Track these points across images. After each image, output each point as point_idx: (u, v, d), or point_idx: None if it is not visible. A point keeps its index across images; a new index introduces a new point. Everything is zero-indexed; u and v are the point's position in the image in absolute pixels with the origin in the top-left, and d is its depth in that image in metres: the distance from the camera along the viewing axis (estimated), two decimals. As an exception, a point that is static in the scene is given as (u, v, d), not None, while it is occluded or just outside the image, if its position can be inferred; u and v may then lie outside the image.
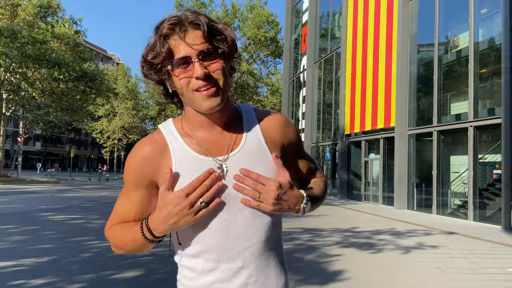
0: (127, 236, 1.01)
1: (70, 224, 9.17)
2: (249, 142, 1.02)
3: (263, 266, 1.00)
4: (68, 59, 27.79)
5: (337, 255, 6.58)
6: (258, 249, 0.99)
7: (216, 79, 0.93)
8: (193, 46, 0.91)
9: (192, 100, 0.94)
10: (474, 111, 12.42)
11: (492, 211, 11.76)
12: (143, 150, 1.00)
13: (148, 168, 0.99)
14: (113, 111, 57.35)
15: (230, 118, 1.03)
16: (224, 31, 0.97)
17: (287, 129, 1.08)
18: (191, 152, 0.99)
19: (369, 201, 18.41)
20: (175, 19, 0.93)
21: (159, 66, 0.95)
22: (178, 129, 1.03)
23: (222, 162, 0.98)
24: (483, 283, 5.16)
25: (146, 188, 1.01)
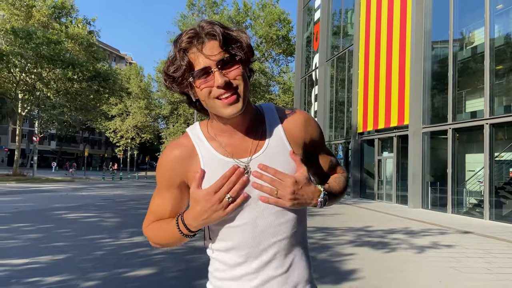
0: (165, 232, 1.09)
1: (84, 222, 9.27)
2: (272, 143, 1.07)
3: (289, 260, 1.06)
4: (82, 59, 28.13)
5: (350, 254, 6.52)
6: (285, 244, 1.05)
7: (236, 85, 0.98)
8: (211, 57, 0.96)
9: (214, 107, 1.00)
10: (490, 109, 12.19)
11: (509, 210, 11.54)
12: (173, 153, 1.08)
13: (178, 169, 1.07)
14: (126, 111, 57.88)
15: (252, 120, 1.08)
16: (239, 37, 1.01)
17: (309, 127, 1.12)
18: (217, 155, 1.05)
19: (382, 200, 18.23)
20: (191, 33, 0.98)
21: (181, 78, 1.00)
22: (204, 132, 1.10)
23: (246, 163, 1.04)
24: (499, 283, 5.06)
25: (178, 188, 1.09)
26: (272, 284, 1.04)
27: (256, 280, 1.04)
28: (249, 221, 1.03)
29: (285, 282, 1.05)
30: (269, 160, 1.04)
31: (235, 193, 0.98)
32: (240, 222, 1.03)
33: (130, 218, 10.11)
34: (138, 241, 7.09)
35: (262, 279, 1.04)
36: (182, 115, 47.92)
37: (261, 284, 1.04)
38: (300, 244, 1.09)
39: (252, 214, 1.03)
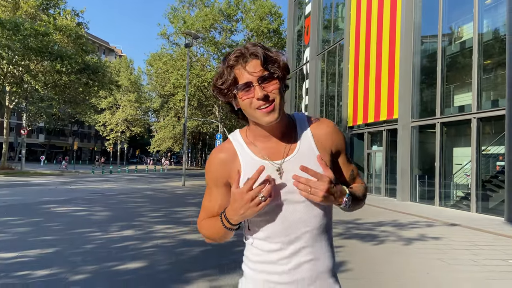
0: (213, 228, 1.25)
1: (73, 216, 9.23)
2: (302, 147, 1.24)
3: (317, 248, 1.23)
4: (71, 51, 27.72)
5: (339, 246, 6.60)
6: (313, 234, 1.22)
7: (273, 98, 1.15)
8: (253, 74, 1.15)
9: (254, 116, 1.17)
10: (478, 103, 12.35)
11: (495, 203, 11.74)
12: (219, 156, 1.27)
13: (223, 170, 1.25)
14: (116, 104, 57.41)
15: (286, 127, 1.25)
16: (277, 57, 1.18)
17: (335, 136, 1.29)
18: (254, 158, 1.23)
19: (371, 193, 18.41)
20: (238, 53, 1.17)
21: (226, 90, 1.19)
22: (243, 138, 1.28)
23: (279, 165, 1.22)
24: (485, 275, 5.16)
25: (224, 186, 1.27)
26: (302, 268, 1.21)
27: (290, 264, 1.21)
28: (283, 214, 1.20)
29: (313, 267, 1.22)
30: (299, 163, 1.19)
31: (267, 192, 1.10)
32: (275, 215, 1.20)
33: (120, 212, 10.08)
34: (128, 235, 7.08)
35: (295, 264, 1.21)
36: (172, 109, 47.69)
37: (293, 268, 1.21)
38: (326, 234, 1.26)
39: (285, 208, 1.20)
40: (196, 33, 24.18)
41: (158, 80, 44.16)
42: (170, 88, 37.47)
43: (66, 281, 4.35)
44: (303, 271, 1.21)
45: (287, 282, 1.21)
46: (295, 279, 1.21)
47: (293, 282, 1.20)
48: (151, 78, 50.74)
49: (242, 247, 1.33)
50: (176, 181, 25.06)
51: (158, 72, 40.04)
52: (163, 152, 63.46)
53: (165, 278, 4.56)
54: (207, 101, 37.59)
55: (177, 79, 31.90)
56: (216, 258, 5.57)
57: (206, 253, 5.88)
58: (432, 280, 4.85)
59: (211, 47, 33.77)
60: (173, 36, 35.54)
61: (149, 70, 46.52)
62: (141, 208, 11.08)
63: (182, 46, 34.61)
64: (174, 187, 20.27)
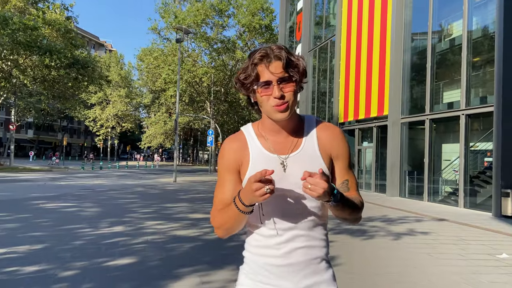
0: (226, 214, 1.30)
1: (63, 212, 9.16)
2: (306, 146, 1.35)
3: (312, 237, 1.34)
4: (60, 45, 27.38)
5: (330, 241, 6.62)
6: (309, 224, 1.34)
7: (288, 99, 1.26)
8: (274, 74, 1.25)
9: (268, 111, 1.29)
10: (466, 100, 12.48)
11: (483, 198, 11.91)
12: (232, 145, 1.38)
13: (236, 157, 1.36)
14: (106, 99, 56.90)
15: (295, 125, 1.36)
16: (298, 62, 1.29)
17: (338, 142, 1.38)
18: (263, 150, 1.35)
19: (362, 188, 18.54)
20: (264, 52, 1.27)
21: (248, 85, 1.30)
22: (255, 131, 1.39)
23: (284, 159, 1.33)
24: (472, 269, 5.25)
25: (235, 173, 1.37)
26: (296, 253, 1.32)
27: (285, 248, 1.31)
28: (282, 204, 1.31)
29: (307, 253, 1.33)
30: (302, 159, 1.33)
31: (273, 187, 1.17)
32: (275, 204, 1.31)
33: (110, 208, 10.03)
34: (118, 231, 7.06)
35: (289, 248, 1.31)
36: (163, 104, 47.41)
37: (288, 252, 1.31)
38: (321, 226, 1.38)
39: (285, 198, 1.31)
40: (187, 28, 24.04)
41: (149, 75, 43.80)
42: (161, 84, 37.19)
43: (55, 277, 4.33)
44: (297, 255, 1.32)
45: (282, 265, 1.32)
46: (289, 263, 1.31)
47: (287, 265, 1.31)
48: (142, 73, 50.35)
49: (232, 243, 1.37)
50: (167, 177, 24.98)
51: (149, 67, 39.70)
52: (154, 148, 63.15)
53: (155, 274, 4.56)
54: (198, 97, 37.42)
55: (168, 75, 31.66)
56: (207, 254, 5.58)
57: (197, 249, 5.88)
58: (420, 274, 4.92)
59: (203, 43, 33.54)
60: (164, 31, 35.23)
61: (140, 65, 46.11)
62: (132, 204, 11.04)
63: (173, 41, 34.35)
64: (165, 183, 20.21)
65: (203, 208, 10.54)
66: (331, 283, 1.38)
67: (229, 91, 38.43)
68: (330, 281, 1.38)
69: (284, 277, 1.32)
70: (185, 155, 74.26)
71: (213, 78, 33.83)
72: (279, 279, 1.32)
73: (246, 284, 1.38)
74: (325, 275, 1.37)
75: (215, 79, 34.56)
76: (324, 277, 1.37)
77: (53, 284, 4.08)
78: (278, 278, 1.32)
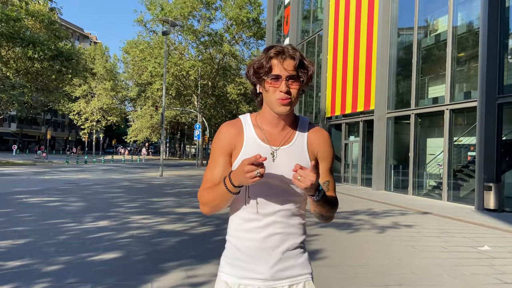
0: (215, 192, 1.40)
1: (46, 206, 9.02)
2: (297, 143, 1.46)
3: (289, 225, 1.43)
4: (43, 37, 26.83)
5: (316, 234, 6.69)
6: (287, 212, 1.43)
7: (292, 96, 1.38)
8: (286, 70, 1.36)
9: (272, 102, 1.39)
10: (451, 95, 12.65)
11: (466, 192, 12.13)
12: (229, 129, 1.47)
13: (230, 141, 1.45)
14: (91, 92, 56.09)
15: (291, 122, 1.48)
16: (308, 67, 1.40)
17: (325, 146, 1.50)
18: (256, 138, 1.44)
19: (348, 182, 18.71)
20: (280, 49, 1.38)
21: (261, 74, 1.39)
22: (252, 121, 1.49)
23: (275, 150, 1.43)
24: (454, 261, 5.34)
25: (227, 156, 1.45)
26: (273, 238, 1.41)
27: (262, 233, 1.41)
28: (266, 191, 1.41)
29: (283, 239, 1.42)
30: (290, 153, 1.44)
31: (263, 171, 1.25)
32: (259, 190, 1.40)
33: (95, 202, 9.92)
34: (103, 225, 6.99)
35: (267, 234, 1.41)
36: (150, 98, 46.92)
37: (265, 237, 1.41)
38: (299, 217, 1.47)
39: (269, 186, 1.40)
40: (173, 21, 23.78)
41: (135, 68, 43.30)
42: (147, 77, 36.82)
43: (39, 272, 4.26)
44: (273, 240, 1.41)
45: (259, 248, 1.41)
46: (266, 247, 1.41)
47: (264, 248, 1.41)
48: (128, 66, 49.74)
49: (218, 237, 1.37)
50: (153, 172, 24.81)
51: (135, 60, 39.24)
52: (140, 142, 62.60)
53: (141, 268, 4.53)
54: (185, 91, 37.16)
55: (155, 68, 31.32)
56: (193, 248, 5.57)
57: (183, 243, 5.86)
58: (404, 266, 4.99)
59: (190, 36, 33.26)
60: (150, 23, 34.83)
61: (125, 58, 45.56)
62: (117, 198, 10.93)
63: (159, 33, 33.99)
64: (152, 177, 20.07)
65: (189, 203, 10.51)
66: (304, 266, 1.47)
67: (217, 84, 38.25)
68: (303, 265, 1.47)
69: (259, 261, 1.41)
70: (172, 149, 73.83)
71: (200, 72, 33.59)
72: (255, 262, 1.41)
73: (226, 270, 1.48)
74: (299, 260, 1.46)
75: (202, 73, 34.33)
76: (298, 261, 1.46)
77: (36, 279, 4.02)
78: (254, 261, 1.41)
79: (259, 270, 1.41)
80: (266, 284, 1.41)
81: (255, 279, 1.41)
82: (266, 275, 1.41)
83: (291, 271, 1.43)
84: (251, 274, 1.42)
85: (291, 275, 1.44)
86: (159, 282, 4.08)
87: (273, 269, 1.41)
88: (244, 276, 1.43)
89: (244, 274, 1.42)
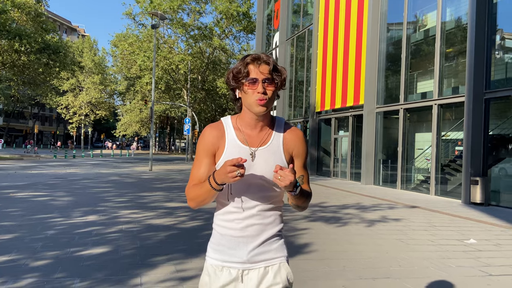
0: (200, 190, 1.54)
1: (34, 201, 8.92)
2: (273, 143, 1.61)
3: (267, 217, 1.61)
4: (30, 30, 26.39)
5: (305, 228, 6.73)
6: (266, 207, 1.60)
7: (268, 96, 1.52)
8: (262, 73, 1.52)
9: (250, 104, 1.52)
10: (439, 90, 12.77)
11: (453, 186, 12.30)
12: (212, 132, 1.61)
13: (214, 142, 1.60)
14: (79, 86, 55.40)
15: (267, 124, 1.62)
16: (282, 71, 1.56)
17: (299, 144, 1.65)
18: (237, 141, 1.59)
19: (337, 177, 18.83)
20: (255, 55, 1.54)
21: (240, 78, 1.54)
22: (233, 123, 1.63)
23: (253, 151, 1.58)
24: (441, 254, 5.43)
25: (211, 156, 1.61)
26: (252, 228, 1.58)
27: (242, 224, 1.58)
28: (246, 187, 1.56)
29: (261, 229, 1.60)
30: (267, 153, 1.59)
31: (243, 172, 1.39)
32: (240, 187, 1.56)
33: (83, 197, 9.84)
34: (91, 220, 6.94)
35: (246, 224, 1.58)
36: (139, 92, 46.51)
37: (245, 227, 1.58)
38: (277, 210, 1.65)
39: (249, 183, 1.56)
40: (163, 14, 23.53)
41: (124, 62, 42.83)
42: (137, 71, 36.48)
43: (26, 267, 4.22)
44: (252, 230, 1.58)
45: (238, 236, 1.59)
46: (245, 235, 1.58)
47: (243, 237, 1.58)
48: (116, 59, 49.17)
49: (208, 231, 1.37)
50: (143, 166, 24.67)
51: (124, 53, 38.81)
52: (129, 137, 62.12)
53: (130, 263, 4.51)
54: (175, 85, 36.92)
55: (144, 61, 31.00)
56: (182, 243, 5.56)
57: (172, 238, 5.85)
58: (392, 259, 5.05)
59: (179, 29, 32.92)
60: (139, 16, 34.39)
61: (114, 52, 44.99)
62: (106, 193, 10.86)
63: (148, 27, 33.62)
64: (141, 172, 19.96)
65: (179, 197, 10.48)
66: (279, 250, 1.64)
67: (206, 79, 38.04)
68: (278, 249, 1.64)
69: (239, 247, 1.59)
70: (161, 144, 73.42)
71: (190, 66, 33.36)
72: (236, 248, 1.59)
73: (211, 255, 1.65)
74: (274, 245, 1.64)
75: (192, 67, 34.09)
76: (273, 246, 1.63)
77: (24, 274, 3.99)
78: (234, 247, 1.59)
79: (238, 254, 1.59)
80: (244, 266, 1.59)
81: (235, 262, 1.59)
82: (244, 258, 1.59)
83: (266, 255, 1.61)
84: (232, 258, 1.60)
85: (266, 258, 1.61)
86: (147, 276, 4.07)
87: (250, 254, 1.59)
88: (226, 260, 1.60)
89: (226, 258, 1.60)
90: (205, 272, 1.66)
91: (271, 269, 1.61)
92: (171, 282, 3.94)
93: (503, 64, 11.12)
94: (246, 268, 1.59)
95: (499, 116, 11.23)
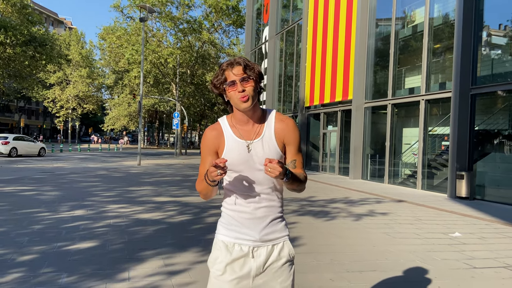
0: (202, 184, 1.73)
1: (20, 196, 8.82)
2: (266, 134, 1.77)
3: (270, 199, 1.79)
4: (15, 22, 25.93)
5: (293, 222, 6.78)
6: (269, 190, 1.78)
7: (248, 92, 1.68)
8: (237, 75, 1.68)
9: (236, 103, 1.69)
10: (426, 85, 12.90)
11: (439, 181, 12.47)
12: (212, 132, 1.80)
13: (214, 142, 1.80)
14: (66, 79, 54.63)
15: (258, 117, 1.79)
16: (254, 67, 1.71)
17: (290, 132, 1.79)
18: (234, 136, 1.77)
19: (326, 171, 18.95)
20: (229, 61, 1.71)
21: (219, 85, 1.73)
22: (228, 122, 1.81)
23: (249, 143, 1.76)
24: (427, 247, 5.52)
25: (214, 154, 1.81)
26: (259, 210, 1.77)
27: (250, 207, 1.77)
28: (246, 177, 1.76)
29: (267, 210, 1.78)
30: (262, 144, 1.75)
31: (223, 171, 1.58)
32: (242, 177, 1.76)
33: (71, 191, 9.75)
34: (79, 215, 6.89)
35: (253, 208, 1.77)
36: (127, 86, 46.09)
37: (253, 210, 1.77)
38: (277, 192, 1.82)
39: (248, 173, 1.76)
40: (151, 7, 23.29)
41: (112, 55, 42.32)
42: (125, 64, 36.07)
43: (13, 262, 4.18)
44: (260, 212, 1.77)
45: (250, 218, 1.77)
46: (255, 217, 1.77)
47: (254, 218, 1.77)
48: (104, 53, 48.62)
49: (197, 225, 1.38)
50: (131, 160, 24.50)
51: (112, 47, 38.34)
52: (117, 131, 61.55)
53: (117, 257, 4.50)
54: (163, 79, 36.61)
55: (132, 55, 30.65)
56: (171, 237, 5.56)
57: (160, 232, 5.84)
58: (378, 252, 5.12)
59: (168, 23, 32.62)
60: (127, 9, 33.97)
61: (102, 45, 44.40)
62: (94, 187, 10.77)
63: (137, 20, 33.24)
64: (129, 166, 19.82)
65: (167, 192, 10.45)
66: (283, 230, 1.83)
67: (195, 73, 37.82)
68: (282, 229, 1.83)
69: (251, 227, 1.77)
70: (150, 138, 72.91)
71: (179, 60, 33.11)
72: (247, 228, 1.78)
73: (223, 232, 1.82)
74: (278, 226, 1.82)
75: (181, 61, 33.84)
76: (278, 226, 1.82)
77: (10, 269, 3.95)
78: (246, 227, 1.78)
79: (251, 233, 1.77)
80: (255, 244, 1.77)
81: (247, 240, 1.78)
82: (256, 237, 1.77)
83: (273, 234, 1.80)
84: (243, 236, 1.78)
85: (273, 237, 1.80)
86: (136, 271, 4.07)
87: (261, 233, 1.78)
88: (238, 237, 1.79)
89: (238, 236, 1.79)
90: (216, 247, 1.82)
91: (276, 247, 1.81)
92: (159, 276, 3.94)
93: (489, 60, 11.27)
94: (256, 246, 1.77)
95: (485, 111, 11.40)
